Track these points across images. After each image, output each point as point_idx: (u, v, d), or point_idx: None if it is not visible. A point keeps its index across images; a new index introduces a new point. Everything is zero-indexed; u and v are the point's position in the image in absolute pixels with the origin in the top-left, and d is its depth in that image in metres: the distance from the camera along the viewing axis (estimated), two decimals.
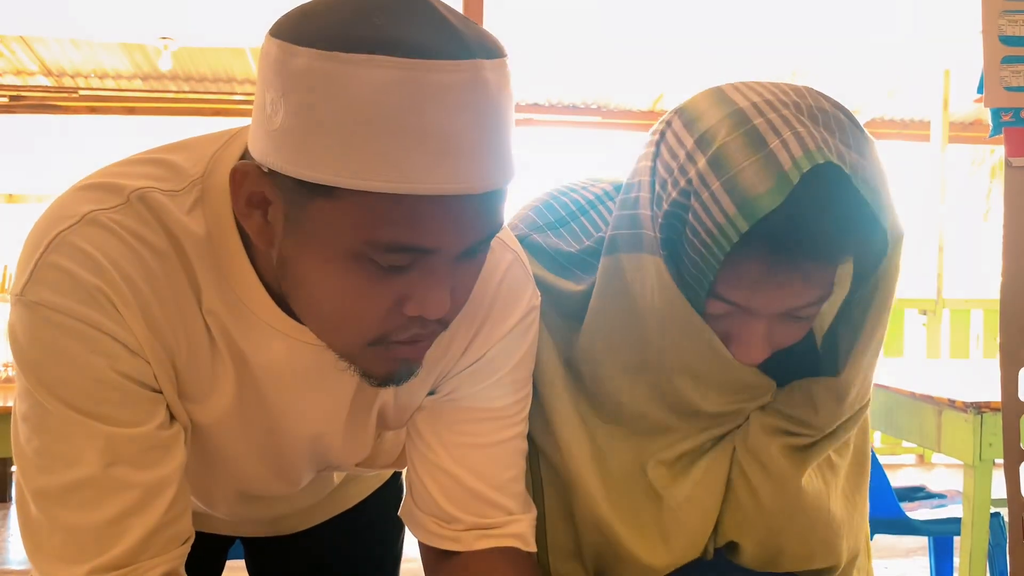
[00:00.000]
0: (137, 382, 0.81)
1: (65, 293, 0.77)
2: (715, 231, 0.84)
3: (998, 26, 1.23)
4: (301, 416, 0.92)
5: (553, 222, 1.08)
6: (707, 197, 0.85)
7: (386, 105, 0.68)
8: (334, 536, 1.27)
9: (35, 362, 0.78)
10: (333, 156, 0.69)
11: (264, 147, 0.72)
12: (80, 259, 0.77)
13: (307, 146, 0.69)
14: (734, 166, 0.83)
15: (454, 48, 0.69)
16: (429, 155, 0.69)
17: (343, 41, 0.68)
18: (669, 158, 0.90)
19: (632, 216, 0.94)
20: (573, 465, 1.01)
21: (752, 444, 1.00)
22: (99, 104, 5.85)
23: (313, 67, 0.68)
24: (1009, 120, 1.26)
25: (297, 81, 0.69)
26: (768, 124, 0.84)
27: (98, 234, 0.78)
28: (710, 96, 0.90)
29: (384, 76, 0.67)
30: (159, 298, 0.81)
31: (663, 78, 5.77)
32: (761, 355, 0.93)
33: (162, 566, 0.82)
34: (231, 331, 0.84)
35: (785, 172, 0.82)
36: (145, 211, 0.80)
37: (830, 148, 0.83)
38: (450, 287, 0.77)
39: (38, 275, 0.77)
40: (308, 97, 0.69)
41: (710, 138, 0.86)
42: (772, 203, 0.81)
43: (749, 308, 0.89)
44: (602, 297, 0.97)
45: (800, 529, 1.01)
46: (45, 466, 0.80)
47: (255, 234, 0.78)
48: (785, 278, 0.87)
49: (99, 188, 0.81)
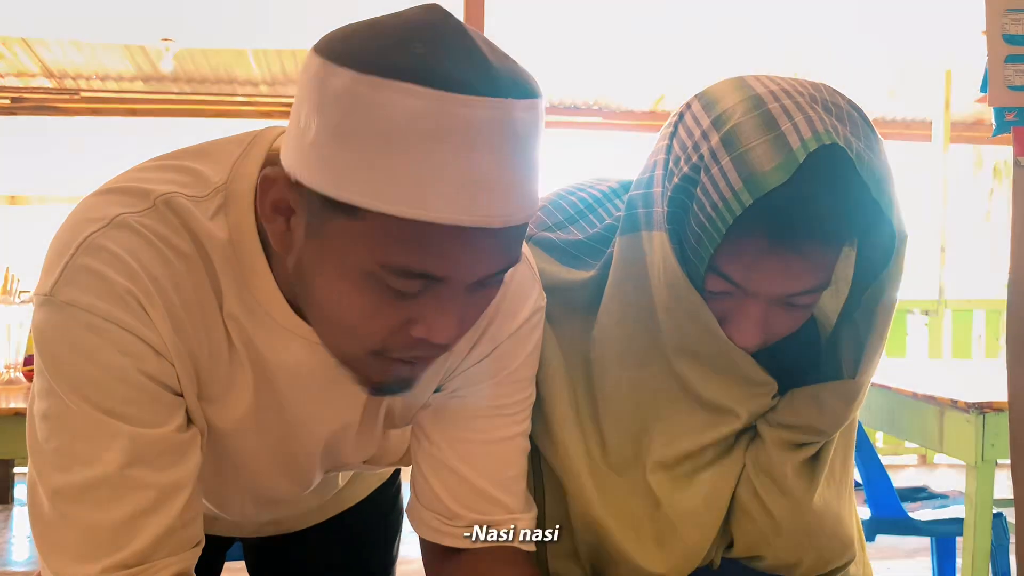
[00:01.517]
0: (161, 384, 0.82)
1: (95, 294, 0.78)
2: (720, 204, 0.86)
3: (1001, 25, 1.23)
4: (317, 416, 0.94)
5: (562, 220, 1.09)
6: (716, 172, 0.86)
7: (413, 132, 0.69)
8: (334, 536, 1.28)
9: (62, 361, 0.79)
10: (358, 176, 0.70)
11: (295, 159, 0.74)
12: (110, 261, 0.79)
13: (335, 163, 0.71)
14: (745, 143, 0.85)
15: (487, 85, 0.70)
16: (450, 186, 0.70)
17: (380, 66, 0.69)
18: (685, 136, 0.92)
19: (646, 195, 0.96)
20: (570, 466, 1.01)
21: (764, 463, 1.00)
22: (100, 106, 5.85)
23: (348, 88, 0.70)
24: (1013, 119, 1.26)
25: (332, 100, 0.71)
26: (782, 108, 0.86)
27: (127, 237, 0.80)
28: (731, 83, 0.92)
29: (415, 105, 0.69)
30: (184, 301, 0.82)
31: (664, 78, 5.77)
32: (755, 338, 0.93)
33: (174, 567, 0.83)
34: (250, 334, 0.86)
35: (793, 151, 0.84)
36: (171, 215, 0.82)
37: (838, 133, 0.85)
38: (459, 315, 0.78)
39: (68, 276, 0.79)
40: (340, 116, 0.70)
41: (726, 118, 0.88)
42: (777, 180, 0.83)
43: (747, 287, 0.90)
44: (618, 277, 0.98)
45: (818, 543, 1.03)
46: (63, 464, 0.80)
47: (276, 238, 0.79)
48: (785, 257, 0.88)
49: (126, 192, 0.82)
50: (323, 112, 0.71)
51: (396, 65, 0.69)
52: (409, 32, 0.71)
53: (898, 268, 0.92)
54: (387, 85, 0.69)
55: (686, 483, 1.01)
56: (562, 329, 1.02)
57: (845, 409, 0.98)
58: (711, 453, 1.02)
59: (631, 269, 0.97)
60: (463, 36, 0.73)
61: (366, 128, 0.70)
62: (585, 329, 1.02)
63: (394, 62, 0.69)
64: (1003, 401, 1.98)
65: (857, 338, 0.97)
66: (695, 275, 0.92)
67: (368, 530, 1.33)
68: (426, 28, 0.72)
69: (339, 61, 0.71)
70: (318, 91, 0.72)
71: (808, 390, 0.99)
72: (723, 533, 1.04)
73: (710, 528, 1.02)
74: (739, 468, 1.02)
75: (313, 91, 0.72)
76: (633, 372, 0.99)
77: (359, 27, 0.74)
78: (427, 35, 0.71)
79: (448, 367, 0.96)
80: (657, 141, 0.98)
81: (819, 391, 0.98)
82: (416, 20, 0.73)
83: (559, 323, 1.02)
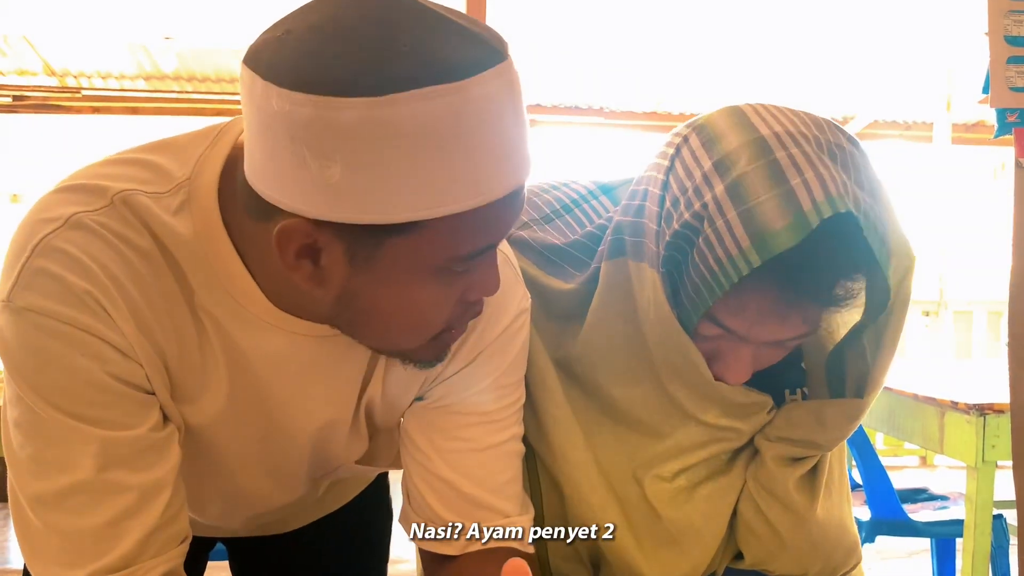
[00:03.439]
0: (129, 384, 0.80)
1: (53, 297, 0.76)
2: (725, 260, 0.84)
3: (1003, 26, 1.23)
4: (305, 410, 0.92)
5: (539, 218, 1.07)
6: (721, 225, 0.84)
7: (448, 131, 0.68)
8: (320, 537, 1.26)
9: (25, 368, 0.77)
10: (408, 194, 0.69)
11: (317, 201, 0.70)
12: (67, 263, 0.76)
13: (377, 193, 0.69)
14: (753, 198, 0.83)
15: (486, 57, 0.70)
16: (493, 162, 0.71)
17: (388, 81, 0.67)
18: (684, 176, 0.89)
19: (635, 224, 0.94)
20: (566, 468, 1.01)
21: (765, 480, 1.00)
22: (102, 104, 5.85)
23: (368, 117, 0.67)
24: (1015, 120, 1.26)
25: (351, 134, 0.67)
26: (790, 159, 0.84)
27: (84, 237, 0.77)
28: (730, 117, 0.90)
29: (439, 105, 0.68)
30: (147, 299, 0.80)
31: (665, 79, 5.77)
32: (744, 378, 0.94)
33: (161, 566, 0.82)
34: (227, 328, 0.84)
35: (804, 213, 0.81)
36: (129, 213, 0.79)
37: (848, 194, 0.83)
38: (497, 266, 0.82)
39: (25, 280, 0.76)
40: (370, 147, 0.67)
41: (729, 164, 0.86)
42: (788, 242, 0.81)
43: (744, 337, 0.90)
44: (605, 300, 0.97)
45: (824, 553, 1.03)
46: (39, 472, 0.79)
47: (305, 280, 0.76)
48: (786, 314, 0.88)
49: (82, 190, 0.80)
50: (343, 150, 0.68)
51: (401, 75, 0.67)
52: (381, 31, 0.68)
53: (908, 290, 0.92)
54: (405, 99, 0.67)
55: (686, 497, 1.01)
56: (550, 333, 1.01)
57: (847, 426, 0.98)
58: (710, 466, 1.01)
59: (618, 294, 0.95)
60: (430, 13, 0.71)
61: (401, 147, 0.67)
62: (560, 337, 1.01)
63: (398, 72, 0.67)
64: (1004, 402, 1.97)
65: (862, 355, 0.97)
66: (687, 319, 0.91)
67: (357, 531, 1.31)
68: (389, 19, 0.69)
69: (339, 92, 0.67)
70: (326, 131, 0.67)
71: (809, 405, 0.98)
72: (727, 546, 1.04)
73: (711, 544, 1.02)
74: (739, 484, 1.02)
75: (319, 132, 0.67)
76: (624, 390, 0.98)
77: (321, 48, 0.68)
78: (400, 26, 0.69)
79: (432, 373, 0.93)
80: (648, 168, 0.95)
81: (822, 407, 0.97)
82: (370, 15, 0.69)
83: (545, 327, 1.01)
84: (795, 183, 0.82)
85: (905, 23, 4.71)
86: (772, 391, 1.01)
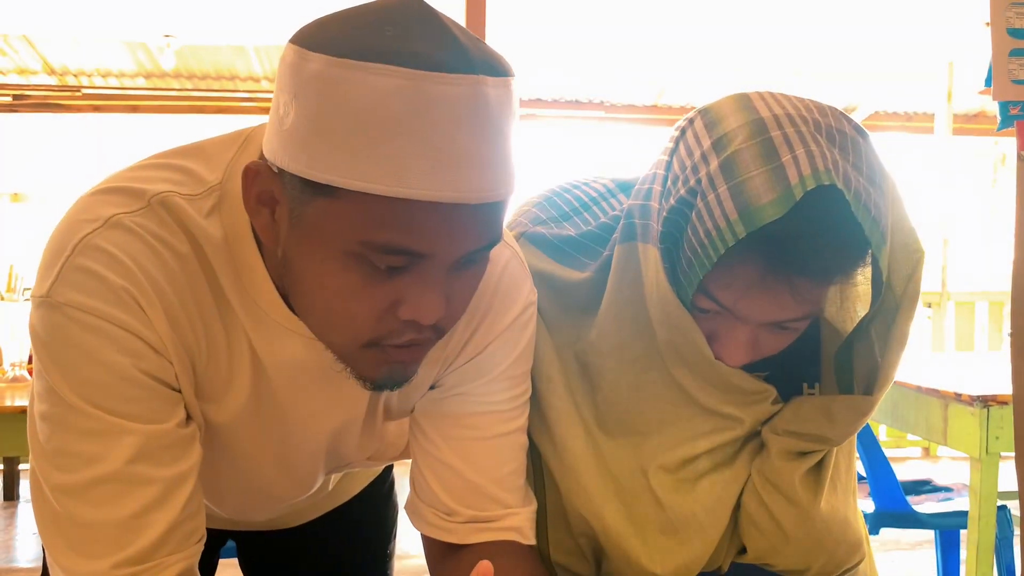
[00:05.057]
0: (160, 381, 0.83)
1: (93, 294, 0.79)
2: (713, 232, 0.86)
3: (1006, 19, 1.23)
4: (317, 415, 0.94)
5: (556, 216, 1.09)
6: (712, 198, 0.86)
7: (389, 111, 0.70)
8: (329, 531, 1.28)
9: (61, 361, 0.80)
10: (336, 157, 0.71)
11: (275, 147, 0.75)
12: (106, 261, 0.79)
13: (313, 146, 0.72)
14: (743, 172, 0.85)
15: (458, 63, 0.72)
16: (427, 162, 0.71)
17: (353, 49, 0.71)
18: (685, 155, 0.91)
19: (644, 207, 0.96)
20: (569, 462, 1.01)
21: (770, 473, 1.00)
22: (102, 103, 5.86)
23: (324, 72, 0.71)
24: (1018, 113, 1.26)
25: (308, 84, 0.72)
26: (784, 137, 0.85)
27: (122, 237, 0.80)
28: (736, 101, 0.91)
29: (389, 84, 0.70)
30: (180, 299, 0.83)
31: (666, 72, 5.76)
32: (741, 359, 0.94)
33: (180, 563, 0.84)
34: (248, 332, 0.87)
35: (791, 186, 0.83)
36: (166, 215, 0.82)
37: (838, 170, 0.84)
38: (445, 294, 0.78)
39: (65, 277, 0.79)
40: (317, 100, 0.72)
41: (726, 142, 0.87)
42: (773, 214, 0.83)
43: (736, 312, 0.91)
44: (617, 285, 0.98)
45: (828, 548, 1.04)
46: (67, 464, 0.81)
47: (262, 231, 0.80)
48: (774, 289, 0.88)
49: (120, 192, 0.83)
50: (299, 98, 0.72)
51: (369, 47, 0.71)
52: (381, 17, 0.73)
53: (917, 284, 0.93)
54: (360, 67, 0.70)
55: (689, 488, 1.01)
56: (555, 326, 1.02)
57: (856, 422, 0.98)
58: (715, 458, 1.02)
59: (628, 277, 0.97)
60: (435, 20, 0.74)
61: (341, 109, 0.71)
62: (578, 328, 1.02)
63: (367, 45, 0.71)
64: (1007, 394, 1.98)
65: (871, 350, 0.97)
66: (685, 294, 0.92)
67: (363, 525, 1.33)
68: (398, 13, 0.74)
69: (313, 47, 0.72)
70: (294, 78, 0.73)
71: (818, 400, 0.99)
72: (732, 540, 1.04)
73: (712, 536, 1.02)
74: (744, 476, 1.02)
75: (289, 79, 0.74)
76: (632, 377, 0.99)
77: (333, 16, 0.76)
78: (399, 19, 0.73)
79: (442, 364, 0.96)
80: (660, 153, 0.97)
81: (831, 403, 0.98)
82: (389, 7, 0.74)
83: (553, 320, 1.02)
84: (785, 159, 0.84)
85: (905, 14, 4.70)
86: (791, 384, 1.01)
